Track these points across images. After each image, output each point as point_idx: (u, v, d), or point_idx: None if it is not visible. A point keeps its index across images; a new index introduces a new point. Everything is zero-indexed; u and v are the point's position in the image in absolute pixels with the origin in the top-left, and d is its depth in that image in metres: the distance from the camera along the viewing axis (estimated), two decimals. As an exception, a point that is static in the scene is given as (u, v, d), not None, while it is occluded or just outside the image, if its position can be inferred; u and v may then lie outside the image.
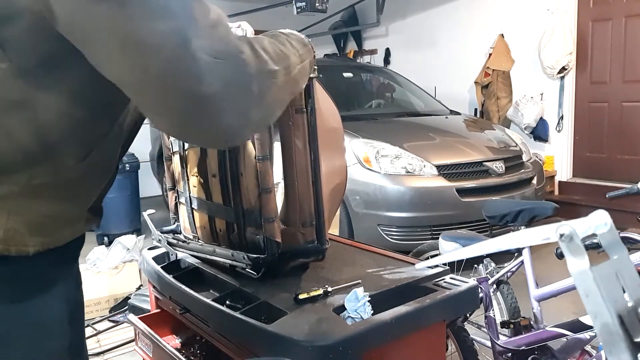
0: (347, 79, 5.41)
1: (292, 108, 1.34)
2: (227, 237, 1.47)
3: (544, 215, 2.22)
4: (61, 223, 0.88)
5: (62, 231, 0.89)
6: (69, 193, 0.88)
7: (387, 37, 7.29)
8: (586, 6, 5.36)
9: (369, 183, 3.72)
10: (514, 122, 5.62)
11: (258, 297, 1.31)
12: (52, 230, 0.87)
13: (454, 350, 1.96)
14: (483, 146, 4.15)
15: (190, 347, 1.68)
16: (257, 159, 1.24)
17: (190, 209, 1.58)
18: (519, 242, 0.70)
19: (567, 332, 1.80)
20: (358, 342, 1.10)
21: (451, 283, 1.38)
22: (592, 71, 5.39)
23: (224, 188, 1.41)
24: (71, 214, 0.90)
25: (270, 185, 1.26)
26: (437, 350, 1.35)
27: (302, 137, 1.35)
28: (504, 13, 5.83)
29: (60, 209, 0.87)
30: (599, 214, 0.63)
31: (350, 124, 4.20)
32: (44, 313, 0.89)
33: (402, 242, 3.61)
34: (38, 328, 0.88)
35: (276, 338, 1.12)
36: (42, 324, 0.89)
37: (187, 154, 1.54)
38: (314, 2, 5.41)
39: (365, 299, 1.20)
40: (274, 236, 1.27)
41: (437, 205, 3.67)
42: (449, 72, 6.31)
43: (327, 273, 1.45)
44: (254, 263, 1.30)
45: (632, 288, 0.61)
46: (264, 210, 1.26)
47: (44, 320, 0.89)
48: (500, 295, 2.27)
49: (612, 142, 5.28)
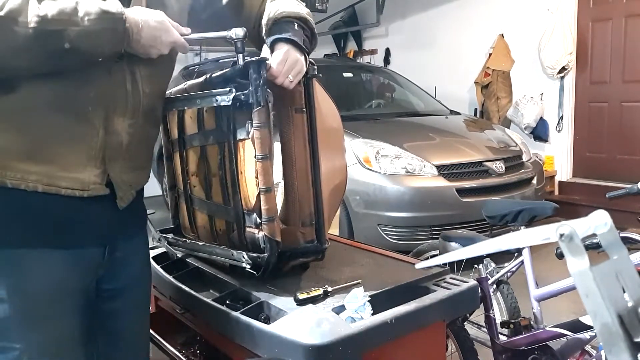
0: (347, 79, 5.40)
1: (291, 108, 1.34)
2: (227, 236, 1.47)
3: (544, 215, 2.22)
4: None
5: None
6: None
7: (387, 37, 7.29)
8: (586, 6, 5.36)
9: (369, 183, 3.72)
10: (514, 122, 5.62)
11: (258, 297, 1.31)
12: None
13: (454, 350, 1.96)
14: (483, 146, 4.14)
15: (190, 347, 1.68)
16: (257, 159, 1.24)
17: (191, 208, 1.58)
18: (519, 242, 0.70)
19: (567, 332, 1.80)
20: (358, 342, 1.10)
21: (451, 283, 1.38)
22: (592, 71, 5.38)
23: (224, 188, 1.41)
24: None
25: (270, 185, 1.26)
26: (437, 350, 1.35)
27: (301, 137, 1.35)
28: (504, 13, 5.83)
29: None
30: (599, 214, 0.63)
31: (350, 124, 4.20)
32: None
33: (402, 242, 3.60)
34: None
35: (276, 338, 1.12)
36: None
37: (187, 153, 1.54)
38: (314, 2, 5.42)
39: (365, 299, 1.20)
40: (274, 236, 1.27)
41: (437, 205, 3.67)
42: (449, 72, 6.30)
43: (327, 273, 1.45)
44: (254, 262, 1.30)
45: (632, 288, 0.61)
46: (263, 209, 1.26)
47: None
48: (500, 295, 2.27)
49: (612, 142, 5.28)
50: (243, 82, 1.26)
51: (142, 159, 1.26)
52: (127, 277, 1.27)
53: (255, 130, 1.23)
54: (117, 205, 1.19)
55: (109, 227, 1.19)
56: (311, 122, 1.35)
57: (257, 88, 1.21)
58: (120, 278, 1.25)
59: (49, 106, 1.05)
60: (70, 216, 1.11)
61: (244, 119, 1.28)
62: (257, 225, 1.31)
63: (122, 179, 1.18)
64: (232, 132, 1.30)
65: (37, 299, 1.08)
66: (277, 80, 1.25)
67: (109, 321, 1.26)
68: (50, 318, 1.10)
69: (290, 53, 1.26)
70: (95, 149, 1.11)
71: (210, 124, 1.43)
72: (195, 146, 1.51)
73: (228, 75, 1.28)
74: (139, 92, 1.16)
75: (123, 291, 1.27)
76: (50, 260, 1.09)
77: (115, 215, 1.19)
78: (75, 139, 1.08)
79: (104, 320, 1.24)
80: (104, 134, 1.11)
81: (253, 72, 1.21)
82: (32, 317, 1.07)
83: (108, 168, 1.14)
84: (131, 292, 1.30)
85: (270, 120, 1.26)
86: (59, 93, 1.05)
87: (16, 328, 1.06)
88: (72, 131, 1.08)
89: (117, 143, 1.14)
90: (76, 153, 1.09)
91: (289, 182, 1.37)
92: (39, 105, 1.04)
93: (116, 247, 1.23)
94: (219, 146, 1.40)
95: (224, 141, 1.35)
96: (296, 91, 1.32)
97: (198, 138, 1.47)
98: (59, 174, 1.07)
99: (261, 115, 1.22)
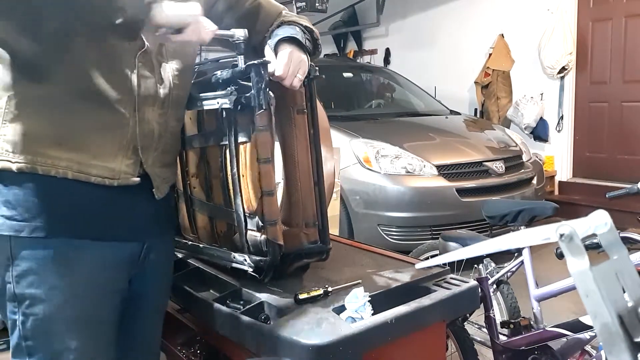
0: (347, 79, 5.40)
1: (293, 109, 1.34)
2: (229, 238, 1.47)
3: (544, 215, 2.22)
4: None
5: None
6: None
7: (387, 37, 7.29)
8: (586, 6, 5.36)
9: (369, 183, 3.72)
10: (514, 122, 5.62)
11: (258, 297, 1.31)
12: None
13: (454, 350, 1.96)
14: (483, 146, 4.15)
15: (190, 347, 1.68)
16: (259, 162, 1.24)
17: (191, 209, 1.58)
18: (519, 242, 0.70)
19: (567, 332, 1.80)
20: (358, 342, 1.10)
21: (451, 283, 1.38)
22: (592, 71, 5.39)
23: (225, 190, 1.40)
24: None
25: (273, 188, 1.26)
26: (437, 350, 1.35)
27: (304, 138, 1.35)
28: (504, 13, 5.83)
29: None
30: (599, 214, 0.63)
31: (350, 124, 4.20)
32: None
33: (402, 242, 3.61)
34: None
35: (276, 338, 1.12)
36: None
37: (186, 154, 1.54)
38: (314, 2, 5.41)
39: (365, 299, 1.20)
40: (276, 239, 1.27)
41: (437, 205, 3.67)
42: (449, 72, 6.30)
43: (327, 273, 1.45)
44: (256, 265, 1.30)
45: (632, 288, 0.61)
46: (266, 212, 1.26)
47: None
48: (500, 295, 2.27)
49: (612, 142, 5.28)
50: (244, 83, 1.25)
51: (172, 154, 1.27)
52: (154, 280, 1.27)
53: (257, 134, 1.23)
54: (154, 195, 1.19)
55: (145, 220, 1.19)
56: (313, 123, 1.35)
57: (259, 91, 1.20)
58: (149, 281, 1.25)
59: (80, 94, 1.05)
60: (103, 206, 1.11)
61: (245, 121, 1.28)
62: (259, 228, 1.30)
63: (155, 172, 1.18)
64: (234, 134, 1.30)
65: (79, 296, 1.07)
66: (285, 82, 1.25)
67: (128, 322, 1.25)
68: (95, 320, 1.11)
69: (294, 54, 1.26)
70: (126, 138, 1.11)
71: (211, 125, 1.43)
72: (195, 147, 1.50)
73: (229, 77, 1.28)
74: (169, 83, 1.18)
75: (148, 295, 1.27)
76: (92, 251, 1.09)
77: (150, 208, 1.20)
78: (106, 127, 1.09)
79: (123, 320, 1.23)
80: (135, 122, 1.12)
81: (255, 75, 1.20)
82: (76, 319, 1.07)
83: (142, 158, 1.14)
84: (155, 296, 1.30)
85: (272, 123, 1.26)
86: (89, 81, 1.06)
87: (60, 328, 1.06)
88: (102, 119, 1.08)
89: (149, 131, 1.15)
90: (107, 141, 1.09)
91: (291, 183, 1.36)
92: (70, 93, 1.05)
93: (152, 246, 1.23)
94: (220, 148, 1.39)
95: (225, 143, 1.35)
96: (297, 92, 1.32)
97: (198, 139, 1.47)
98: (90, 162, 1.07)
99: (263, 118, 1.22)
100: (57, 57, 1.04)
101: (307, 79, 1.32)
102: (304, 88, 1.33)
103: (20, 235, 1.03)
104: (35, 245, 1.04)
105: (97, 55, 1.06)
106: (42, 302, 1.04)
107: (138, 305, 1.26)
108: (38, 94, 1.04)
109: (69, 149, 1.05)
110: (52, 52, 1.03)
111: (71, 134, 1.06)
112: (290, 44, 1.28)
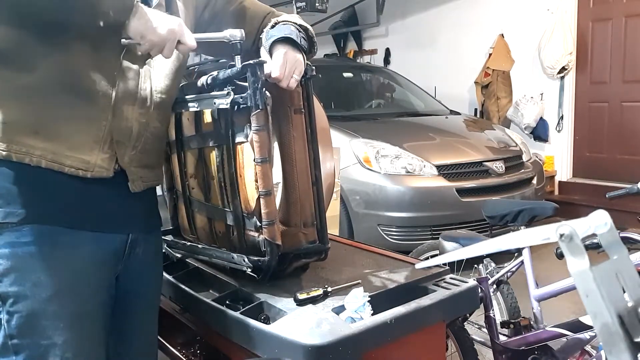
0: (347, 79, 5.40)
1: (290, 108, 1.34)
2: (227, 239, 1.47)
3: (544, 215, 2.22)
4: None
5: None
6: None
7: (387, 37, 7.29)
8: (586, 6, 5.36)
9: (369, 183, 3.72)
10: (514, 122, 5.62)
11: (258, 297, 1.31)
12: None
13: (454, 350, 1.96)
14: (483, 146, 4.15)
15: (190, 347, 1.68)
16: (256, 162, 1.24)
17: (190, 210, 1.58)
18: (519, 242, 0.70)
19: (567, 332, 1.80)
20: (358, 342, 1.10)
21: (451, 283, 1.38)
22: (592, 71, 5.38)
23: (223, 190, 1.40)
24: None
25: (270, 188, 1.25)
26: (437, 351, 1.35)
27: (301, 138, 1.35)
28: (504, 13, 5.83)
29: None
30: (599, 214, 0.62)
31: (350, 124, 4.20)
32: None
33: (402, 242, 3.60)
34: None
35: (276, 338, 1.12)
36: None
37: (185, 155, 1.54)
38: (314, 2, 5.41)
39: (365, 299, 1.20)
40: (275, 239, 1.27)
41: (437, 205, 3.67)
42: (449, 72, 6.30)
43: (327, 273, 1.45)
44: (255, 266, 1.30)
45: (632, 288, 0.61)
46: (263, 213, 1.26)
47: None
48: (500, 295, 2.27)
49: (612, 142, 5.28)
50: (241, 84, 1.25)
51: (153, 155, 1.26)
52: (143, 277, 1.28)
53: (254, 134, 1.22)
54: (130, 188, 1.19)
55: (124, 213, 1.20)
56: (311, 123, 1.35)
57: (255, 91, 1.20)
58: (137, 278, 1.26)
59: (59, 85, 1.07)
60: (77, 195, 1.11)
61: (242, 121, 1.28)
62: (257, 229, 1.30)
63: (131, 170, 1.19)
64: (231, 134, 1.30)
65: (63, 291, 1.08)
66: (282, 83, 1.25)
67: (121, 320, 1.26)
68: (81, 315, 1.11)
69: (289, 54, 1.26)
70: (103, 132, 1.12)
71: (208, 126, 1.43)
72: (193, 148, 1.50)
73: (226, 77, 1.28)
74: (152, 84, 1.19)
75: (138, 292, 1.28)
76: (72, 242, 1.10)
77: (129, 201, 1.20)
78: (83, 120, 1.10)
79: (116, 319, 1.24)
80: (112, 118, 1.12)
81: (251, 75, 1.20)
82: (62, 314, 1.07)
83: (117, 154, 1.14)
84: (146, 293, 1.30)
85: (269, 123, 1.26)
86: (69, 73, 1.07)
87: (45, 324, 1.06)
88: (80, 111, 1.09)
89: (127, 129, 1.15)
90: (83, 133, 1.10)
91: (289, 183, 1.36)
92: (49, 83, 1.06)
93: (137, 241, 1.23)
94: (218, 149, 1.39)
95: (223, 144, 1.35)
96: (295, 92, 1.32)
97: (196, 140, 1.47)
98: (65, 152, 1.08)
99: (260, 119, 1.22)
100: (41, 49, 1.05)
101: (304, 79, 1.32)
102: (300, 88, 1.33)
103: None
104: (14, 240, 1.04)
105: (80, 49, 1.07)
106: (26, 299, 1.04)
107: (129, 303, 1.26)
108: (18, 83, 1.05)
109: (45, 139, 1.06)
110: (36, 44, 1.05)
111: (48, 124, 1.07)
112: (285, 44, 1.28)
